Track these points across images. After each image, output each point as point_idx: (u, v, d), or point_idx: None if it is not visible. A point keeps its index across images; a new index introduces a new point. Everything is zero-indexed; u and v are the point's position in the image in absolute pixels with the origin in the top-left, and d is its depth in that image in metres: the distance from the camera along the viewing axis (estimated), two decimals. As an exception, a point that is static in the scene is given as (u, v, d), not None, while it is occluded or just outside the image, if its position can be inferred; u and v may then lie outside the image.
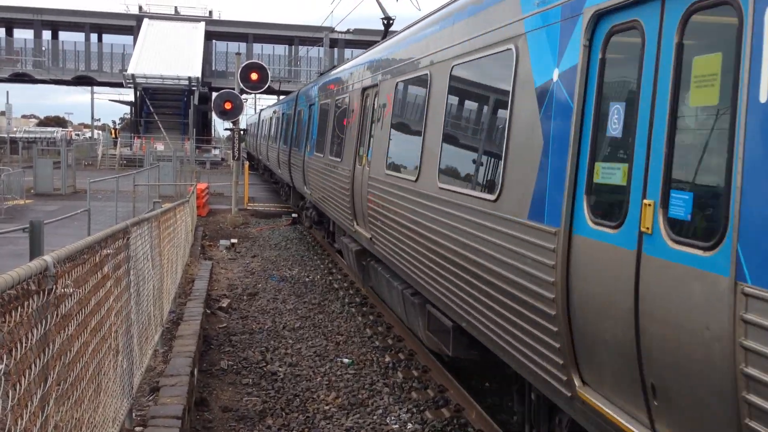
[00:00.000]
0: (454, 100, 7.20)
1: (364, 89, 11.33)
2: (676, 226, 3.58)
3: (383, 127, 9.64)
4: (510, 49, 5.63)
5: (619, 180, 4.07)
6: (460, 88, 7.07)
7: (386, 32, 16.36)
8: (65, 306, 3.82)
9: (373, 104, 10.49)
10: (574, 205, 4.43)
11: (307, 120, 18.12)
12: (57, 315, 3.62)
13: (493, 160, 5.92)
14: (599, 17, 4.36)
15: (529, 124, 5.20)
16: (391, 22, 16.66)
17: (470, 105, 7.01)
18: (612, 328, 4.04)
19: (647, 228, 3.74)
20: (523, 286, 4.99)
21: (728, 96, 3.31)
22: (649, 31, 3.91)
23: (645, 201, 3.79)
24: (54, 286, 3.50)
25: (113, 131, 61.28)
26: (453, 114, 7.17)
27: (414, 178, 7.76)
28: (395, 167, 8.77)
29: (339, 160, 12.53)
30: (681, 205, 3.55)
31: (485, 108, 6.35)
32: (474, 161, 6.51)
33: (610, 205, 4.15)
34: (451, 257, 6.50)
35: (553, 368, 4.68)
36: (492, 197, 5.64)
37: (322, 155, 14.59)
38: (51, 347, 3.50)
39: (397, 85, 9.19)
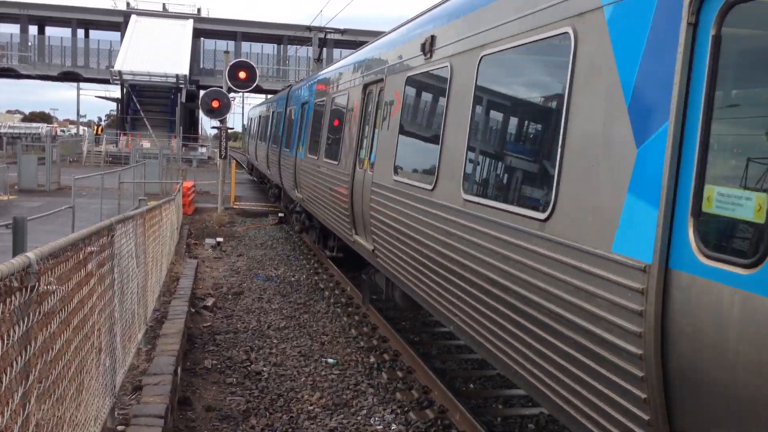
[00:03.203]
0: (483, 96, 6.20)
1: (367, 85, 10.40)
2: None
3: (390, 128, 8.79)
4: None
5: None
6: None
7: None
8: (48, 303, 3.79)
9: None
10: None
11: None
12: (39, 312, 3.60)
13: None
14: None
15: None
16: None
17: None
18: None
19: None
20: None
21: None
22: None
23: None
24: (37, 283, 3.47)
25: (96, 128, 60.90)
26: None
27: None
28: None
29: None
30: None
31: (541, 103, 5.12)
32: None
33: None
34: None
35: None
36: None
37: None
38: (33, 344, 3.47)
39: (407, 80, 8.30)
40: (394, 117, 8.68)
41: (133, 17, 60.72)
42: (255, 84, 24.91)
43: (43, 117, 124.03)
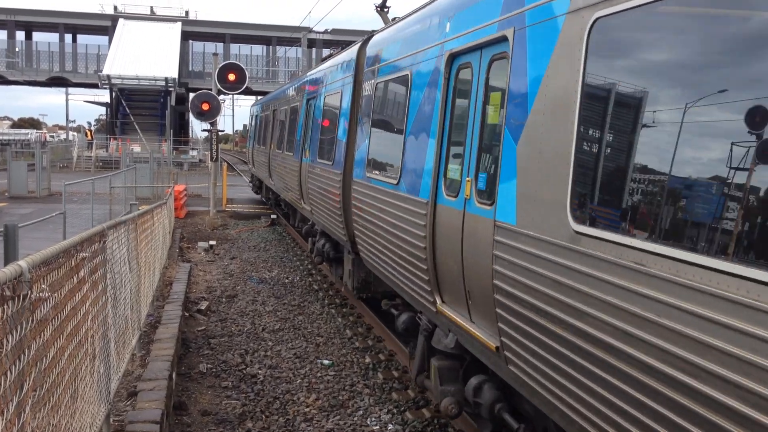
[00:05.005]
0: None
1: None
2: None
3: None
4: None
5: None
6: None
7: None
8: (41, 311, 3.77)
9: None
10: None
11: None
12: (32, 320, 3.58)
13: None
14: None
15: None
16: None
17: None
18: None
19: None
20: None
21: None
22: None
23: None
24: (29, 291, 3.45)
25: (88, 132, 60.68)
26: None
27: None
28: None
29: None
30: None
31: None
32: None
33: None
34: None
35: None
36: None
37: None
38: (27, 353, 3.45)
39: None
40: None
41: (121, 21, 60.49)
42: (245, 86, 24.84)
43: (32, 123, 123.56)
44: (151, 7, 64.75)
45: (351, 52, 11.07)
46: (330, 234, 12.17)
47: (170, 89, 53.53)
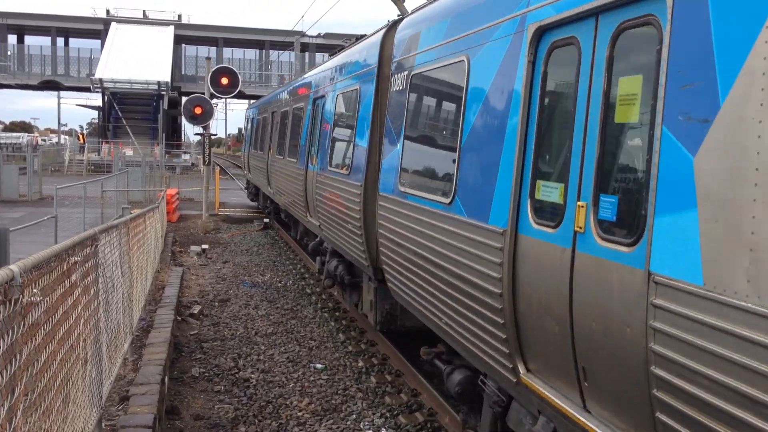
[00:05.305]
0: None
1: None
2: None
3: None
4: None
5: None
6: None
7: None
8: (32, 315, 3.75)
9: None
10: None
11: None
12: (24, 325, 3.57)
13: None
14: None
15: None
16: None
17: None
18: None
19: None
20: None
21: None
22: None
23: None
24: (21, 296, 3.44)
25: (80, 136, 60.54)
26: None
27: None
28: None
29: None
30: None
31: None
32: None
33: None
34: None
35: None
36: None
37: None
38: (18, 358, 3.44)
39: None
40: None
41: (113, 24, 60.37)
42: (238, 90, 24.83)
43: (24, 126, 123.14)
44: (144, 11, 64.73)
45: (372, 42, 9.36)
46: (344, 255, 10.43)
47: (163, 93, 53.48)
